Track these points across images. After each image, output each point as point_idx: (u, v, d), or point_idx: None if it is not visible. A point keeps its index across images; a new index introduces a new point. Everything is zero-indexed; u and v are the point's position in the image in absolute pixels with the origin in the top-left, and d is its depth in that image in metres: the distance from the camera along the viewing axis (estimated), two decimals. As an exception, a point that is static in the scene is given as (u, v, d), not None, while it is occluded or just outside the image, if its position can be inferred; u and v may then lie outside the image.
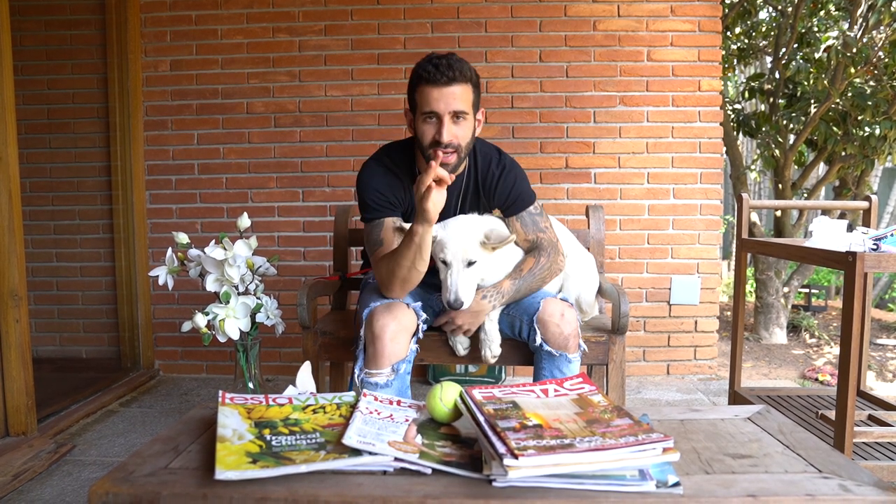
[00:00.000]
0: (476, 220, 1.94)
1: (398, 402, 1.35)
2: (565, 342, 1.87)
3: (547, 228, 2.05)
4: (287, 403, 1.32)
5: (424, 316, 1.93)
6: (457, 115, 1.87)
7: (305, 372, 1.46)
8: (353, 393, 1.39)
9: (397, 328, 1.80)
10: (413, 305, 1.89)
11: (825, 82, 4.03)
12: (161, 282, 2.14)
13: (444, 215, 2.02)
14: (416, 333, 1.88)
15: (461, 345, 2.03)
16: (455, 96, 1.85)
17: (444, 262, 1.87)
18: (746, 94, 4.86)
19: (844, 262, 1.96)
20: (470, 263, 1.85)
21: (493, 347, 1.96)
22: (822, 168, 5.43)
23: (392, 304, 1.86)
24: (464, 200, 2.07)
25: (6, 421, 2.50)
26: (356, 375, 1.84)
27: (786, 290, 4.71)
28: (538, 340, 1.89)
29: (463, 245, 1.84)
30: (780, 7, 4.74)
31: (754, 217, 4.82)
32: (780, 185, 4.65)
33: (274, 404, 1.31)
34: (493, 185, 2.03)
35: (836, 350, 4.36)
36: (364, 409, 1.26)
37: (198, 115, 3.57)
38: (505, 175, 2.03)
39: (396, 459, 1.08)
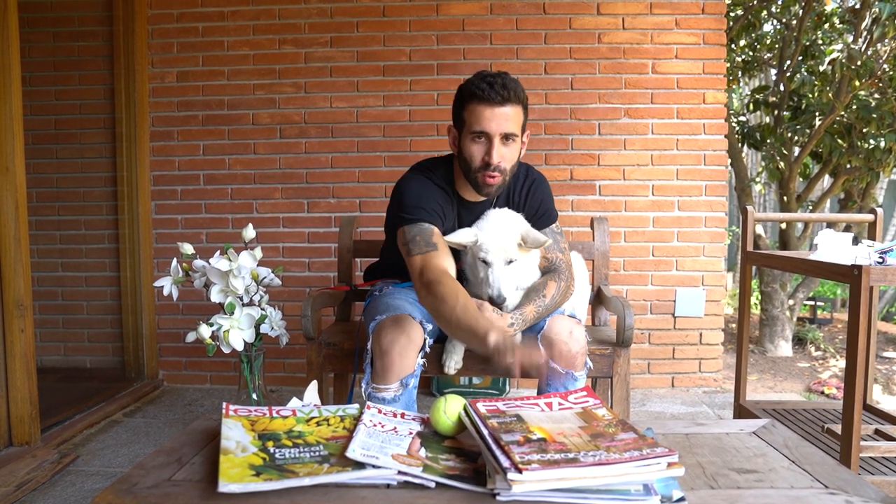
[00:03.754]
0: (512, 218, 1.93)
1: (402, 415, 1.34)
2: (573, 360, 1.84)
3: (565, 250, 2.04)
4: (291, 416, 1.32)
5: (430, 327, 1.91)
6: (507, 137, 1.83)
7: (312, 391, 1.46)
8: (356, 405, 1.39)
9: (406, 343, 1.78)
10: (420, 319, 1.88)
11: (830, 95, 4.04)
12: (166, 292, 2.14)
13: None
14: (423, 348, 1.87)
15: (454, 363, 2.00)
16: (508, 117, 1.81)
17: (485, 262, 1.86)
18: (751, 107, 4.86)
19: (850, 275, 1.95)
20: (509, 262, 1.86)
21: None
22: (826, 180, 5.42)
23: (399, 317, 1.84)
24: None
25: (10, 431, 2.50)
26: (363, 390, 1.82)
27: (791, 302, 4.69)
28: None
29: (503, 245, 1.84)
30: (784, 20, 4.75)
31: (759, 229, 4.81)
32: (784, 198, 4.65)
33: (278, 416, 1.31)
34: (522, 199, 2.01)
35: (842, 363, 4.34)
36: (368, 421, 1.25)
37: (204, 126, 3.59)
38: (534, 189, 2.02)
39: (400, 473, 1.07)
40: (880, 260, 2.01)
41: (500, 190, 1.93)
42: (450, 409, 1.25)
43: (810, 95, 4.43)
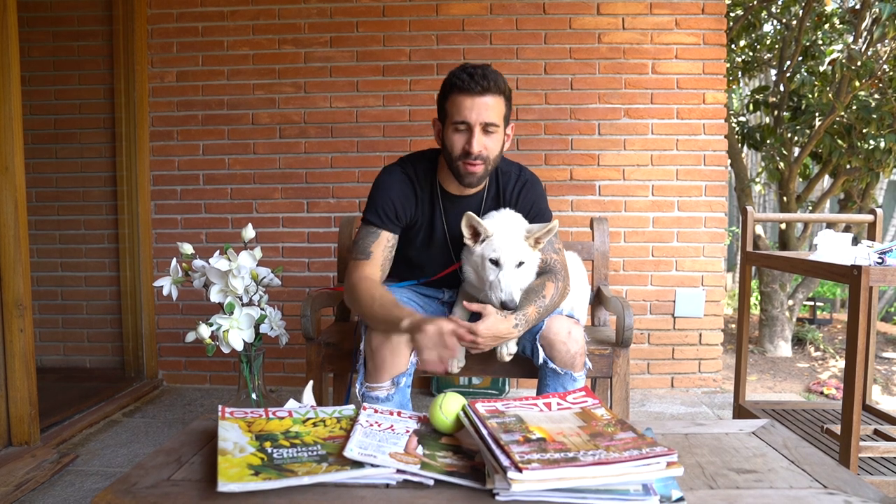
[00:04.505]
0: (516, 218, 1.92)
1: (398, 414, 1.34)
2: (572, 360, 1.84)
3: (560, 250, 2.02)
4: (287, 417, 1.32)
5: None
6: (487, 127, 1.84)
7: (308, 393, 1.46)
8: (352, 406, 1.39)
9: (397, 341, 1.77)
10: None
11: (830, 95, 4.04)
12: (165, 292, 2.15)
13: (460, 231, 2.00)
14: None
15: (456, 362, 2.00)
16: (488, 107, 1.82)
17: (496, 263, 1.83)
18: (751, 107, 4.86)
19: (849, 275, 1.95)
20: (520, 264, 1.84)
21: (509, 345, 1.92)
22: (826, 181, 5.43)
23: None
24: (484, 214, 2.01)
25: (9, 430, 2.50)
26: (357, 390, 1.82)
27: (790, 302, 4.70)
28: (541, 358, 1.86)
29: (516, 245, 1.82)
30: (784, 20, 4.75)
31: (759, 230, 4.81)
32: (784, 198, 4.65)
33: (274, 417, 1.31)
34: (514, 199, 2.01)
35: (842, 363, 4.34)
36: (364, 421, 1.26)
37: (203, 126, 3.59)
38: (526, 191, 2.01)
39: (398, 471, 1.07)
40: (880, 260, 2.01)
41: (483, 180, 1.92)
42: (447, 406, 1.25)
43: (810, 96, 4.43)
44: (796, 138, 4.49)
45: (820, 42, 4.61)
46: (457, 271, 2.06)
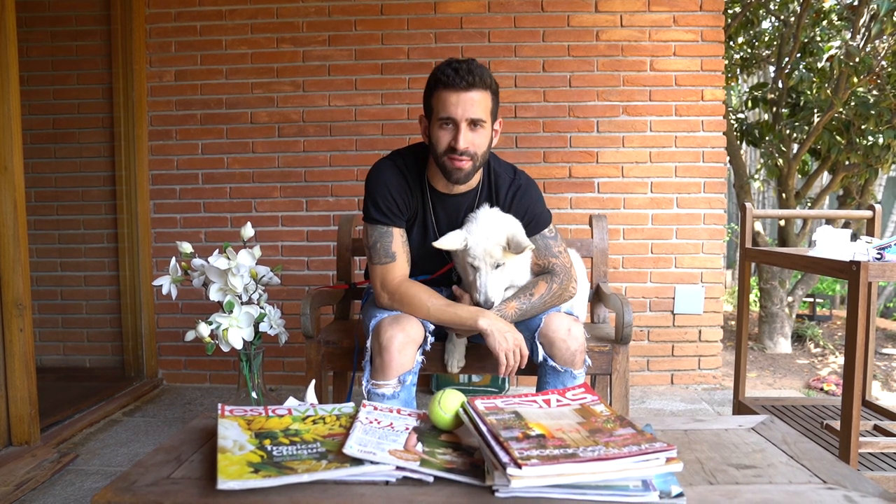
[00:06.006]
0: (499, 221, 1.90)
1: (398, 411, 1.35)
2: (572, 358, 1.83)
3: (560, 253, 2.00)
4: (287, 414, 1.32)
5: (432, 328, 1.91)
6: (474, 123, 1.81)
7: (311, 391, 1.47)
8: (352, 404, 1.39)
9: (405, 340, 1.78)
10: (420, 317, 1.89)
11: (828, 92, 4.04)
12: (165, 291, 2.14)
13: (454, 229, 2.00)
14: (422, 345, 1.87)
15: (456, 361, 2.01)
16: (473, 102, 1.79)
17: (473, 267, 1.86)
18: (749, 104, 4.86)
19: (848, 271, 1.95)
20: (497, 265, 1.85)
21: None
22: (825, 177, 5.42)
23: (399, 315, 1.85)
24: None
25: (9, 430, 2.50)
26: (363, 387, 1.83)
27: (790, 299, 4.70)
28: (541, 356, 1.86)
29: (489, 250, 1.83)
30: (782, 17, 4.75)
31: (758, 226, 4.81)
32: (783, 195, 4.65)
33: (274, 415, 1.31)
34: (507, 204, 1.97)
35: (841, 360, 4.34)
36: (364, 419, 1.26)
37: (202, 125, 3.59)
38: (520, 196, 1.98)
39: (398, 468, 1.07)
40: (878, 256, 2.01)
41: (471, 176, 1.89)
42: (446, 403, 1.25)
43: (809, 92, 4.43)
44: (795, 135, 4.49)
45: (818, 38, 4.61)
46: (452, 271, 2.07)
